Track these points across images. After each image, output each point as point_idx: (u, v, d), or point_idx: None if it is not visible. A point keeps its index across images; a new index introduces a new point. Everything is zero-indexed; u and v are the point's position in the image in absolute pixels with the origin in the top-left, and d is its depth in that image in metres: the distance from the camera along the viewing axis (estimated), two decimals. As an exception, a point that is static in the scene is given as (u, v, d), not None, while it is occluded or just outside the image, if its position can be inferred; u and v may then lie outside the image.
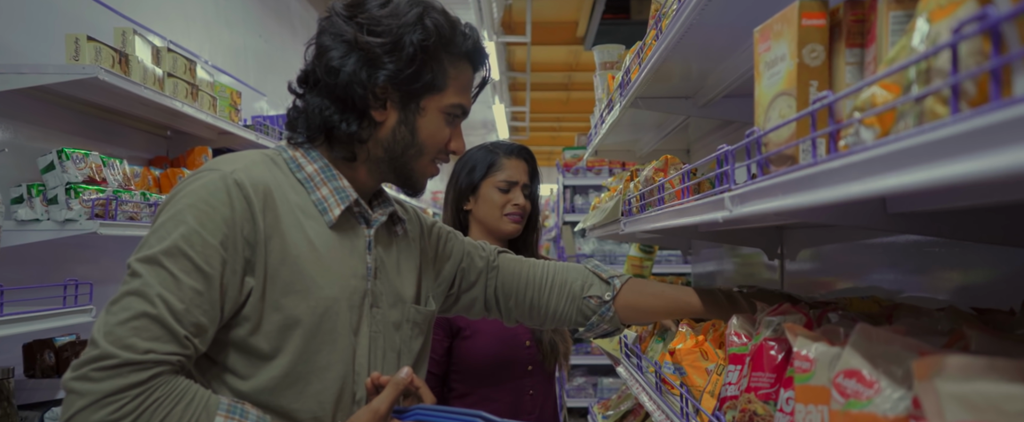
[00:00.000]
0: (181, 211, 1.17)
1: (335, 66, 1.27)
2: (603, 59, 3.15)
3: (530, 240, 2.22)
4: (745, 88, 2.14)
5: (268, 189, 1.24)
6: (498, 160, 2.18)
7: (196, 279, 1.14)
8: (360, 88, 1.27)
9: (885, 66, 0.74)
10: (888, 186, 0.64)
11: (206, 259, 1.15)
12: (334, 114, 1.29)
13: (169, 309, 1.12)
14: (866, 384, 0.79)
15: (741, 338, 1.29)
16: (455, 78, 1.34)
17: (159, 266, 1.13)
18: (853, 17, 0.95)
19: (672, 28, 1.63)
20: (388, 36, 1.27)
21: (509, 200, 2.14)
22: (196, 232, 1.15)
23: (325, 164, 1.33)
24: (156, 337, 1.10)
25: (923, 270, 1.68)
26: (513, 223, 2.14)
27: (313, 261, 1.26)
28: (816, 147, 0.87)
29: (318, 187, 1.31)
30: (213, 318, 1.17)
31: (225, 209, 1.18)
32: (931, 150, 0.57)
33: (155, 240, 1.16)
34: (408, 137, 1.33)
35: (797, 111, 0.95)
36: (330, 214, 1.30)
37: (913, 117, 0.63)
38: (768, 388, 1.12)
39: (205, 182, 1.20)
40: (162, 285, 1.12)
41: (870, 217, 1.14)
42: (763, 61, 1.07)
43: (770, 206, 0.99)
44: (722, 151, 1.24)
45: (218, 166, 1.23)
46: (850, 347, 0.84)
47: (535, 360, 2.13)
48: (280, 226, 1.24)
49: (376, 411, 1.24)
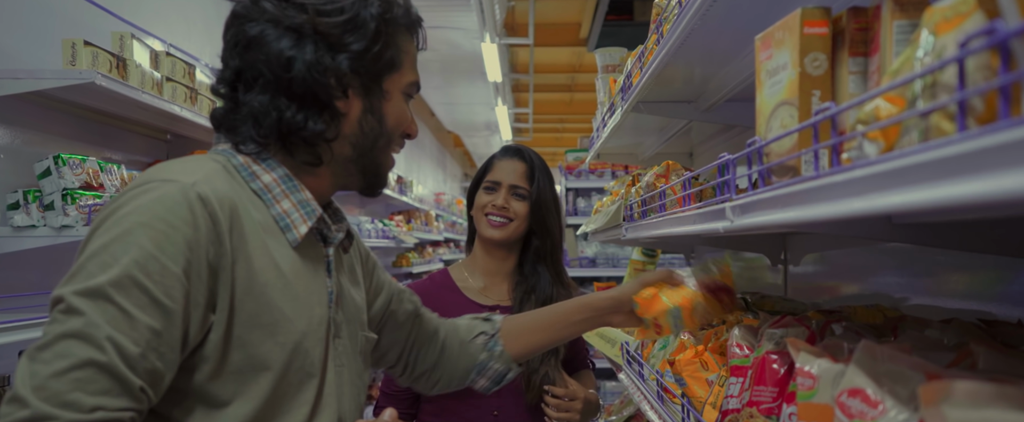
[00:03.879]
0: (131, 231, 0.95)
1: (289, 56, 1.08)
2: (605, 62, 3.13)
3: (541, 249, 2.02)
4: (748, 92, 2.11)
5: (234, 205, 1.05)
6: (493, 161, 2.06)
7: (153, 316, 0.94)
8: (322, 77, 1.09)
9: (889, 78, 0.71)
10: (892, 203, 0.62)
11: (166, 290, 0.95)
12: (296, 114, 1.09)
13: (121, 355, 0.91)
14: (870, 404, 0.77)
15: (743, 350, 1.27)
16: (407, 52, 1.20)
17: (106, 301, 0.92)
18: (856, 25, 0.93)
19: (673, 33, 1.61)
20: (345, 13, 1.11)
21: (491, 201, 1.98)
22: (153, 258, 0.95)
23: (285, 173, 1.13)
24: (105, 391, 0.89)
25: (928, 276, 1.66)
26: (491, 226, 1.97)
27: (281, 289, 1.07)
28: (818, 159, 0.85)
29: (278, 200, 1.11)
30: (171, 363, 0.97)
31: (188, 229, 0.98)
32: (937, 168, 0.54)
33: (96, 267, 0.93)
34: (376, 126, 1.17)
35: (799, 121, 0.93)
36: (294, 232, 1.11)
37: (918, 132, 0.61)
38: (770, 402, 1.10)
39: (160, 195, 0.99)
40: (112, 325, 0.91)
41: (874, 228, 1.12)
42: (765, 69, 1.05)
43: (771, 218, 0.97)
44: (723, 160, 1.22)
45: (173, 176, 1.02)
46: (854, 365, 0.82)
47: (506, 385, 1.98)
48: (246, 248, 1.04)
49: None
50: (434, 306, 1.88)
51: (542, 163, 2.07)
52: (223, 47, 1.15)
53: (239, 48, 1.11)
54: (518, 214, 1.97)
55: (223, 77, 1.14)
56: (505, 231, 1.97)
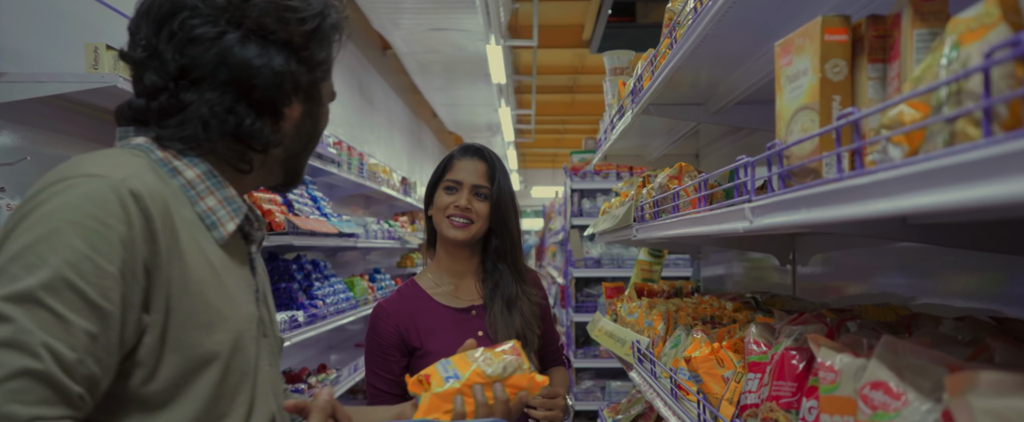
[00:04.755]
0: (58, 230, 0.89)
1: (258, 65, 1.04)
2: (613, 64, 3.16)
3: (501, 248, 2.00)
4: (758, 95, 2.15)
5: (165, 201, 0.99)
6: (453, 160, 2.00)
7: (89, 319, 0.88)
8: (284, 87, 1.07)
9: (911, 85, 0.75)
10: (918, 204, 0.66)
11: (102, 292, 0.90)
12: (254, 122, 1.06)
13: (58, 362, 0.86)
14: (893, 396, 0.81)
15: (760, 347, 1.30)
16: (333, 58, 1.19)
17: (37, 305, 0.86)
18: (875, 33, 0.96)
19: (688, 38, 1.64)
20: (309, 23, 1.09)
21: (453, 202, 1.95)
22: (86, 257, 0.89)
23: (208, 169, 1.08)
24: (42, 400, 0.85)
25: (934, 276, 1.70)
26: (454, 227, 1.94)
27: (215, 287, 1.03)
28: (841, 162, 0.88)
29: (202, 197, 1.07)
30: (108, 368, 0.92)
31: (122, 227, 0.92)
32: (966, 171, 0.58)
33: (20, 270, 0.87)
34: (311, 129, 1.16)
35: (820, 125, 0.96)
36: (222, 229, 1.07)
37: (943, 137, 0.65)
38: (790, 397, 1.13)
39: (88, 192, 0.92)
40: (45, 330, 0.86)
41: (890, 229, 1.16)
42: (784, 75, 1.08)
43: (792, 219, 1.00)
44: (742, 162, 1.25)
45: (99, 171, 0.95)
46: (876, 359, 0.86)
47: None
48: (179, 246, 0.99)
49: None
50: (412, 319, 1.92)
51: (500, 162, 2.06)
52: (147, 28, 1.05)
53: (182, 42, 1.03)
54: (480, 214, 1.95)
55: (160, 70, 1.04)
56: (468, 232, 1.95)
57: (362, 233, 4.77)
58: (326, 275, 4.34)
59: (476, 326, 1.94)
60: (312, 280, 4.02)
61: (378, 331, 1.94)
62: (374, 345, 1.95)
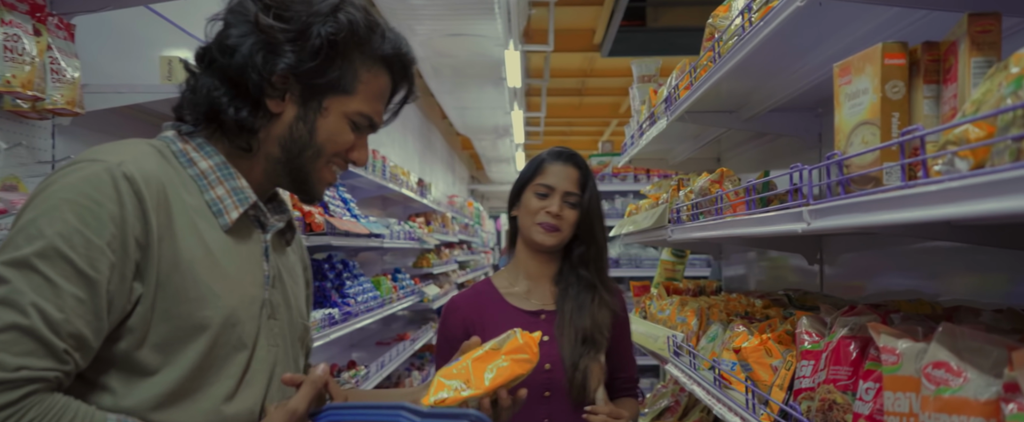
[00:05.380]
0: (56, 206, 1.00)
1: (231, 45, 1.15)
2: (641, 72, 3.30)
3: (585, 256, 1.98)
4: (790, 104, 2.29)
5: (162, 185, 1.09)
6: (544, 164, 1.98)
7: (77, 285, 0.99)
8: (255, 73, 1.14)
9: (973, 106, 0.88)
10: (987, 209, 0.79)
11: (90, 262, 1.00)
12: (223, 96, 1.16)
13: (45, 320, 0.96)
14: (954, 373, 0.94)
15: (812, 337, 1.43)
16: (367, 83, 1.22)
17: (31, 270, 0.97)
18: (929, 57, 1.10)
19: (734, 55, 1.78)
20: (295, 23, 1.15)
21: (543, 207, 1.93)
22: (77, 231, 0.99)
23: (222, 161, 1.18)
24: (29, 352, 0.95)
25: (955, 273, 1.83)
26: (544, 233, 1.93)
27: (208, 267, 1.12)
28: (904, 172, 1.01)
29: (213, 186, 1.17)
30: (98, 330, 1.01)
31: (112, 205, 1.02)
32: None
33: (23, 240, 0.99)
34: (305, 136, 1.20)
35: (881, 140, 1.10)
36: (226, 216, 1.17)
37: (1010, 154, 0.78)
38: (846, 380, 1.26)
39: (86, 174, 1.03)
40: (36, 292, 0.96)
41: (936, 230, 1.29)
42: (844, 93, 1.21)
43: (851, 221, 1.13)
44: (797, 169, 1.38)
45: (100, 156, 1.06)
46: (936, 342, 0.99)
47: (555, 385, 1.87)
48: (173, 227, 1.09)
49: (294, 411, 1.12)
50: (480, 316, 1.92)
51: (590, 169, 2.04)
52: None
53: (216, 30, 1.18)
54: (568, 222, 1.94)
55: (196, 55, 1.20)
56: (556, 238, 1.94)
57: (387, 234, 4.90)
58: (355, 274, 4.47)
59: (543, 330, 1.80)
60: (343, 279, 4.15)
61: (447, 325, 1.96)
62: (442, 339, 1.97)
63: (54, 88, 1.92)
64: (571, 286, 1.95)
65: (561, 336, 1.88)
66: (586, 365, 1.85)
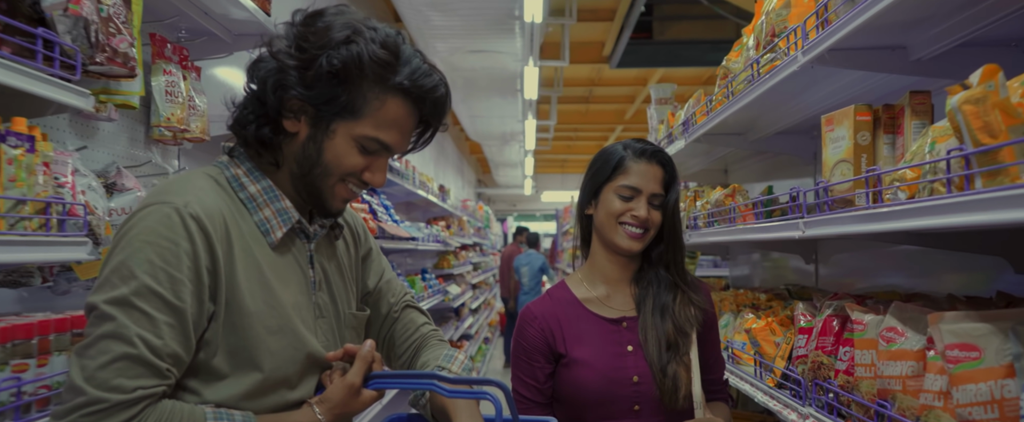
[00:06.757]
0: (140, 249, 1.16)
1: (257, 70, 1.29)
2: (658, 96, 3.76)
3: (665, 256, 1.85)
4: (792, 129, 2.75)
5: (223, 218, 1.24)
6: (625, 161, 1.81)
7: (168, 314, 1.15)
8: (271, 97, 1.27)
9: (910, 156, 1.34)
10: (917, 224, 1.25)
11: (175, 294, 1.15)
12: (250, 114, 1.30)
13: (148, 347, 1.12)
14: (899, 334, 1.40)
15: (807, 317, 1.89)
16: (377, 109, 1.28)
17: (131, 308, 1.13)
18: (887, 116, 1.56)
19: (744, 96, 2.23)
20: (305, 54, 1.25)
21: (628, 210, 1.78)
22: (161, 269, 1.15)
23: (268, 185, 1.32)
24: (140, 375, 1.11)
25: (923, 270, 2.29)
26: (630, 238, 1.79)
27: (264, 285, 1.27)
28: (869, 197, 1.47)
29: (261, 208, 1.31)
30: (188, 347, 1.18)
31: (185, 243, 1.18)
32: (938, 208, 1.17)
33: (118, 280, 1.14)
34: (314, 155, 1.30)
35: (854, 174, 1.56)
36: (272, 236, 1.31)
37: (927, 191, 1.24)
38: (830, 347, 1.72)
39: (159, 218, 1.18)
40: (138, 325, 1.12)
41: (896, 237, 1.75)
42: (828, 137, 1.67)
43: (834, 230, 1.59)
44: (796, 190, 1.84)
45: (168, 198, 1.21)
46: (889, 315, 1.45)
47: (645, 398, 1.74)
48: (232, 252, 1.24)
49: (351, 385, 1.29)
50: (560, 326, 1.81)
51: (674, 165, 1.89)
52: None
53: (251, 65, 1.33)
54: (654, 224, 1.80)
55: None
56: (643, 242, 1.81)
57: (421, 237, 5.36)
58: (397, 275, 4.91)
59: (626, 339, 1.78)
60: (386, 278, 4.60)
61: (525, 335, 1.84)
62: (520, 350, 1.84)
63: (193, 120, 2.37)
64: (652, 287, 1.83)
65: (645, 343, 1.76)
66: (675, 370, 1.73)
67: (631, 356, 1.76)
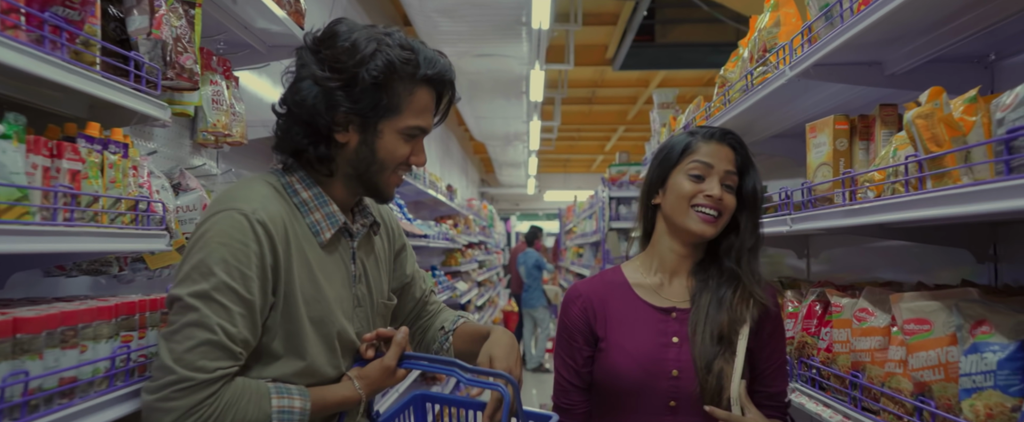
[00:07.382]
0: (216, 250, 1.33)
1: (301, 98, 1.42)
2: (661, 100, 3.98)
3: (739, 247, 1.70)
4: (785, 133, 2.96)
5: (283, 223, 1.41)
6: (693, 144, 1.72)
7: (241, 306, 1.32)
8: (322, 118, 1.42)
9: (879, 161, 1.56)
10: (884, 219, 1.46)
11: (247, 288, 1.33)
12: (303, 138, 1.44)
13: (226, 334, 1.30)
14: (870, 314, 1.62)
15: (794, 303, 2.11)
16: (412, 102, 1.47)
17: (212, 300, 1.30)
18: (862, 124, 1.77)
19: (739, 104, 2.45)
20: (345, 73, 1.40)
21: (701, 190, 1.66)
22: (235, 268, 1.32)
23: (319, 191, 1.49)
24: (219, 357, 1.29)
25: (905, 265, 2.50)
26: (703, 221, 1.66)
27: (312, 280, 1.45)
28: (845, 196, 1.69)
29: (312, 211, 1.48)
30: (256, 333, 1.36)
31: (254, 245, 1.35)
32: (899, 205, 1.39)
33: (198, 276, 1.31)
34: (369, 156, 1.47)
35: (833, 175, 1.77)
36: (322, 236, 1.49)
37: (890, 190, 1.45)
38: (814, 328, 1.94)
39: (232, 222, 1.35)
40: (218, 316, 1.30)
41: (875, 231, 1.96)
42: (812, 143, 1.89)
43: (817, 225, 1.81)
44: (784, 190, 2.06)
45: (238, 205, 1.37)
46: (862, 298, 1.66)
47: (683, 394, 1.64)
48: (290, 252, 1.41)
49: (387, 367, 1.50)
50: (603, 306, 1.72)
51: (748, 149, 1.78)
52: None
53: (289, 82, 1.48)
54: (727, 208, 1.68)
55: (279, 102, 1.50)
56: (716, 227, 1.68)
57: (433, 235, 5.57)
58: (409, 270, 5.13)
59: (672, 330, 1.68)
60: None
61: (569, 314, 1.76)
62: (563, 328, 1.77)
63: (234, 126, 2.59)
64: (711, 278, 1.71)
65: (693, 335, 1.65)
66: (721, 367, 1.60)
67: (674, 348, 1.65)
